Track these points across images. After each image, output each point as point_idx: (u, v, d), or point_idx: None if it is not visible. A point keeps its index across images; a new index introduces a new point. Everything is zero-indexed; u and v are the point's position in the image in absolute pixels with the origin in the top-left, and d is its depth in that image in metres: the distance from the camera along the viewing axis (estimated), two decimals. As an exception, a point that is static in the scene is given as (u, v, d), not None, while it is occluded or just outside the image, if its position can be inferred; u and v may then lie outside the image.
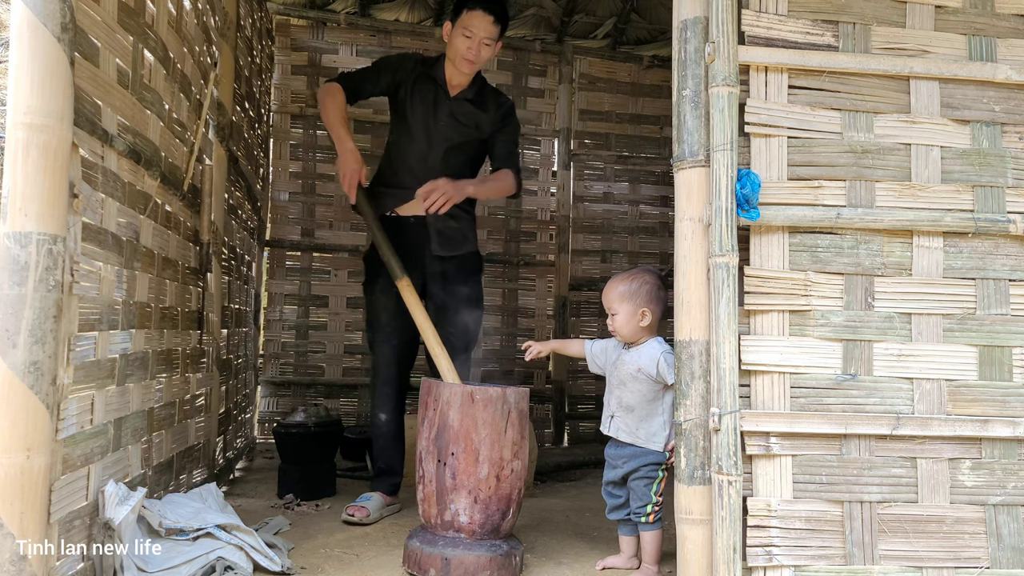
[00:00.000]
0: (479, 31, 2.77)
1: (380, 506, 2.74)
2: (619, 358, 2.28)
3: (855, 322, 1.83)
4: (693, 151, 1.80)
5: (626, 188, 4.93)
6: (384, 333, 2.86)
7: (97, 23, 1.64)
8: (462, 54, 2.80)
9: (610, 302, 2.25)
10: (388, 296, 2.81)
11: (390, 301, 2.82)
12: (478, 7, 2.76)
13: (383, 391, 2.88)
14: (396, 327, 2.84)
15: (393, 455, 2.90)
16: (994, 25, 1.94)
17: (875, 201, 1.85)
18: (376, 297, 2.89)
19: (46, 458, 1.38)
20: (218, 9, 2.84)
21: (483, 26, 2.77)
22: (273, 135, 4.45)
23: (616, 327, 2.24)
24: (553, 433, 4.70)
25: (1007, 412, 1.83)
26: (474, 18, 2.77)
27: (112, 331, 1.75)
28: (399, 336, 2.86)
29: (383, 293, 2.84)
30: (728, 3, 1.76)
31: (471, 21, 2.77)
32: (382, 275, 2.81)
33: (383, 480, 2.86)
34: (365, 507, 2.65)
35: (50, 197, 1.37)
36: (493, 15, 2.79)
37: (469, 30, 2.77)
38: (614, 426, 2.25)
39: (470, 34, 2.77)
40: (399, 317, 2.80)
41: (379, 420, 2.88)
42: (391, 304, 2.82)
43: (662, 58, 4.84)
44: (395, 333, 2.85)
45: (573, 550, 2.43)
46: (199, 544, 1.89)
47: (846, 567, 1.76)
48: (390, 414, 2.88)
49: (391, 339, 2.86)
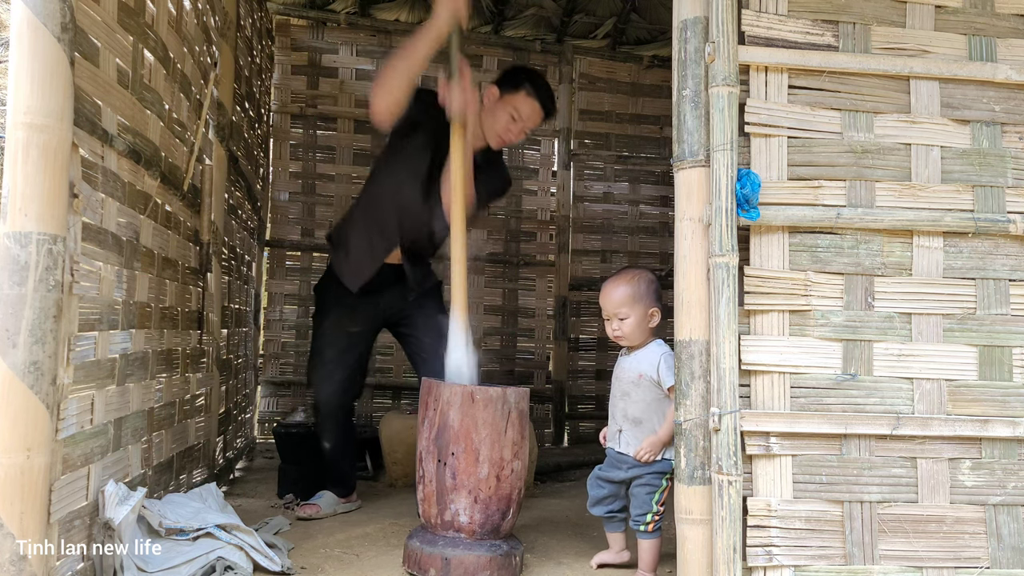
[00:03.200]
0: (527, 119, 2.65)
1: (333, 503, 2.78)
2: (618, 365, 2.24)
3: (855, 322, 1.83)
4: (693, 151, 1.80)
5: (626, 188, 4.93)
6: (327, 369, 2.79)
7: (97, 23, 1.64)
8: (500, 131, 2.66)
9: (616, 307, 2.17)
10: (337, 334, 2.79)
11: (339, 339, 2.79)
12: (536, 97, 2.64)
13: (326, 424, 2.85)
14: (340, 363, 2.79)
15: (343, 466, 2.90)
16: (994, 25, 1.94)
17: (875, 201, 1.85)
18: (324, 331, 2.83)
19: (46, 458, 1.38)
20: (218, 9, 2.84)
21: (533, 117, 2.66)
22: (273, 135, 4.45)
23: (625, 332, 2.17)
24: (553, 433, 4.70)
25: (1007, 412, 1.83)
26: (527, 105, 2.64)
27: (112, 331, 1.75)
28: (342, 371, 2.80)
29: (332, 329, 2.80)
30: (728, 3, 1.76)
31: (524, 106, 2.64)
32: (332, 311, 2.80)
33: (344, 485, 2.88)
34: (316, 504, 2.72)
35: (50, 197, 1.37)
36: (546, 112, 2.68)
37: (519, 113, 2.64)
38: (623, 441, 2.20)
39: (517, 117, 2.64)
40: (346, 354, 2.79)
41: (324, 447, 2.87)
42: (340, 342, 2.79)
43: (662, 58, 4.85)
44: (338, 368, 2.79)
45: (573, 550, 2.43)
46: (199, 544, 1.89)
47: (846, 567, 1.76)
48: (334, 441, 2.86)
49: (333, 374, 2.79)
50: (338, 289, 2.79)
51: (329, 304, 2.83)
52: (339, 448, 2.88)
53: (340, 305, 2.79)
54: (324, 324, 2.83)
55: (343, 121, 4.53)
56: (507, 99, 2.65)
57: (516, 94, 2.64)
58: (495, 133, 2.67)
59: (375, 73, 2.64)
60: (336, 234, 2.90)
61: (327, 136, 4.52)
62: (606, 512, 2.24)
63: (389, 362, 4.54)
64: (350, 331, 2.80)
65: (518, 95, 2.63)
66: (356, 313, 2.79)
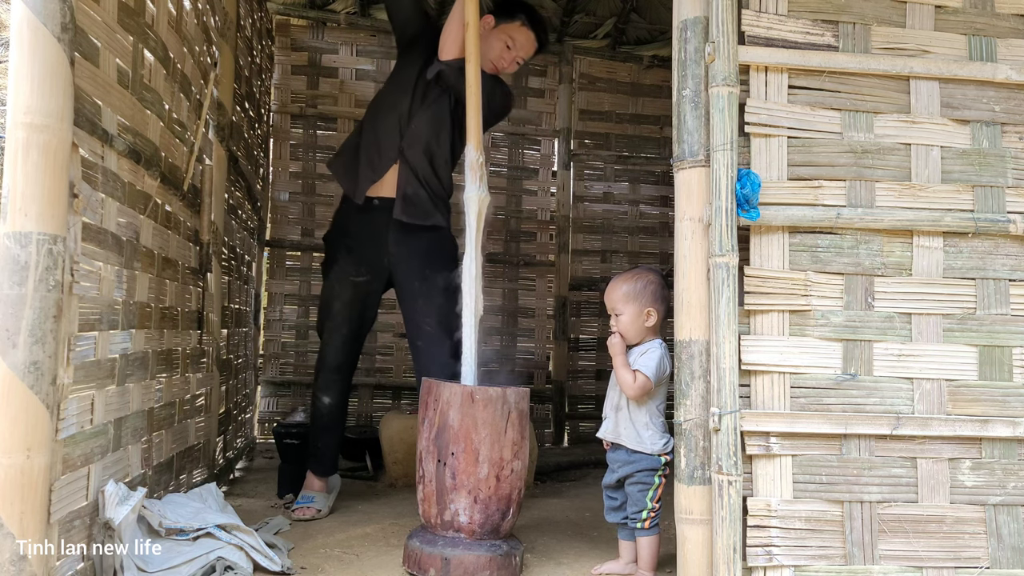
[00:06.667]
0: (521, 49, 2.72)
1: (325, 499, 2.77)
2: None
3: (855, 322, 1.83)
4: (693, 151, 1.80)
5: (626, 188, 4.93)
6: (335, 322, 2.80)
7: (97, 23, 1.64)
8: (493, 59, 2.72)
9: (614, 303, 2.23)
10: (343, 284, 2.79)
11: (344, 290, 2.79)
12: (531, 27, 2.70)
13: (329, 376, 2.83)
14: (346, 317, 2.80)
15: (329, 439, 2.86)
16: (994, 25, 1.94)
17: (875, 201, 1.85)
18: (331, 282, 2.83)
19: (46, 458, 1.38)
20: (218, 9, 2.84)
21: (527, 46, 2.73)
22: (273, 135, 4.45)
23: (621, 328, 2.21)
24: (553, 433, 4.70)
25: (1007, 412, 1.83)
26: (522, 34, 2.71)
27: (112, 331, 1.75)
28: (348, 326, 2.80)
29: (338, 280, 2.80)
30: (728, 3, 1.76)
31: (518, 35, 2.71)
32: (339, 260, 2.79)
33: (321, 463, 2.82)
34: (311, 507, 2.69)
35: (50, 197, 1.37)
36: (540, 43, 2.75)
37: (513, 41, 2.71)
38: (603, 428, 2.25)
39: (511, 45, 2.71)
40: (350, 307, 2.79)
41: (321, 403, 2.83)
42: (345, 294, 2.79)
43: (662, 58, 4.84)
44: (345, 323, 2.80)
45: (573, 550, 2.43)
46: (199, 544, 1.89)
47: (846, 567, 1.76)
48: (334, 398, 2.84)
49: (340, 328, 2.80)
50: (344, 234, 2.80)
51: (335, 251, 2.82)
52: (335, 411, 2.84)
53: (346, 251, 2.79)
54: (331, 274, 2.84)
55: (343, 121, 4.52)
56: (503, 28, 2.72)
57: (512, 23, 2.72)
58: (488, 60, 2.70)
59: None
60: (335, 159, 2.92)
61: (327, 136, 4.52)
62: (621, 519, 2.26)
63: (389, 362, 4.54)
64: (355, 280, 2.78)
65: (513, 24, 2.71)
66: (362, 259, 2.77)
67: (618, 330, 2.22)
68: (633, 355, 2.21)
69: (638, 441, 2.15)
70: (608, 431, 2.23)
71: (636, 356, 2.20)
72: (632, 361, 2.18)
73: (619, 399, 2.21)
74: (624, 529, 2.25)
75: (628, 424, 2.17)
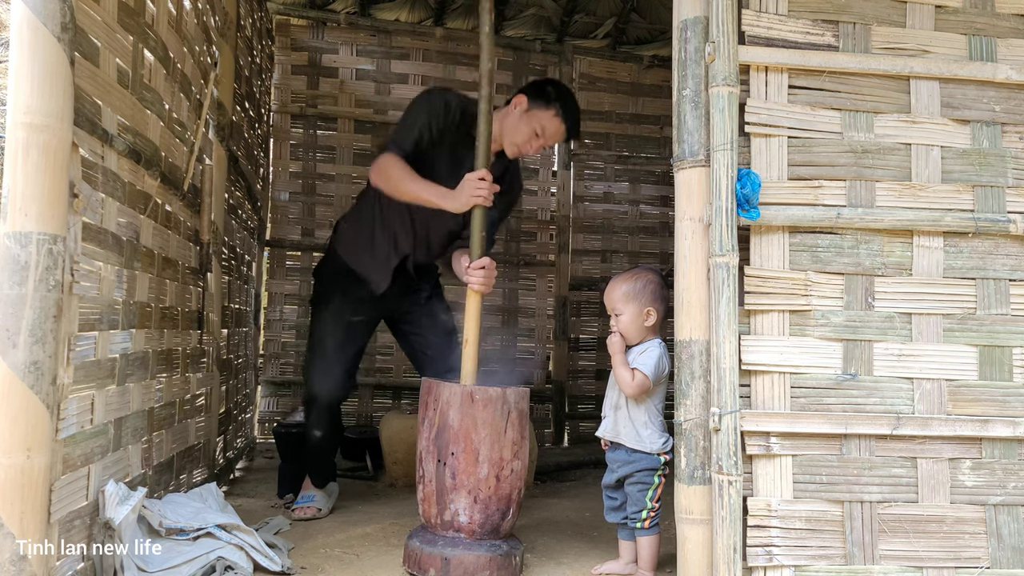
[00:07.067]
0: (550, 139, 2.58)
1: (325, 499, 2.76)
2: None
3: (855, 322, 1.83)
4: (693, 151, 1.80)
5: (626, 188, 4.93)
6: (327, 361, 2.72)
7: (97, 23, 1.64)
8: (520, 143, 2.57)
9: (614, 302, 2.23)
10: (337, 324, 2.73)
11: (339, 328, 2.73)
12: (564, 121, 2.56)
13: (320, 415, 2.76)
14: (340, 358, 2.73)
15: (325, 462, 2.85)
16: (994, 25, 1.94)
17: (875, 201, 1.85)
18: (324, 318, 2.76)
19: (46, 458, 1.38)
20: (218, 9, 2.84)
21: (555, 136, 2.58)
22: (273, 135, 4.45)
23: (621, 328, 2.21)
24: (553, 433, 4.70)
25: (1007, 412, 1.83)
26: (553, 124, 2.54)
27: (112, 331, 1.75)
28: (341, 366, 2.74)
29: (333, 320, 2.74)
30: (728, 3, 1.76)
31: (549, 125, 2.54)
32: (335, 298, 2.75)
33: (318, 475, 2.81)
34: (311, 506, 2.69)
35: (50, 197, 1.37)
36: (569, 137, 2.62)
37: (543, 130, 2.55)
38: (602, 427, 2.25)
39: (540, 133, 2.56)
40: (344, 348, 2.74)
41: (314, 436, 2.79)
42: (339, 332, 2.73)
43: (662, 58, 4.85)
44: (338, 363, 2.73)
45: (573, 550, 2.43)
46: (199, 544, 1.89)
47: (846, 567, 1.76)
48: (325, 431, 2.79)
49: (333, 369, 2.72)
50: (344, 278, 2.77)
51: (331, 291, 2.78)
52: (327, 440, 2.82)
53: (343, 293, 2.76)
54: (324, 313, 2.78)
55: (343, 121, 4.53)
56: (535, 113, 2.54)
57: (546, 111, 2.54)
58: (514, 143, 2.58)
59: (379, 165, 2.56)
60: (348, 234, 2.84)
61: (327, 136, 4.52)
62: (621, 519, 2.25)
63: (389, 362, 4.54)
64: (351, 320, 2.76)
65: (547, 112, 2.53)
66: (359, 302, 2.76)
67: (618, 330, 2.22)
68: (632, 354, 2.21)
69: (637, 440, 2.15)
70: (607, 430, 2.23)
71: (635, 355, 2.20)
72: (631, 360, 2.18)
73: (618, 398, 2.21)
74: (624, 529, 2.25)
75: (627, 423, 2.17)
